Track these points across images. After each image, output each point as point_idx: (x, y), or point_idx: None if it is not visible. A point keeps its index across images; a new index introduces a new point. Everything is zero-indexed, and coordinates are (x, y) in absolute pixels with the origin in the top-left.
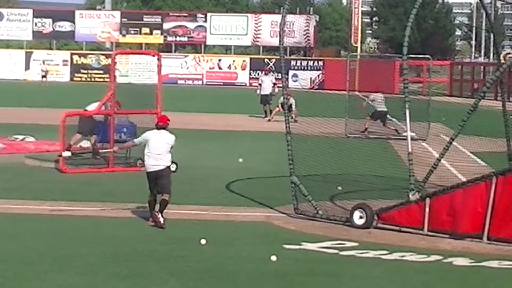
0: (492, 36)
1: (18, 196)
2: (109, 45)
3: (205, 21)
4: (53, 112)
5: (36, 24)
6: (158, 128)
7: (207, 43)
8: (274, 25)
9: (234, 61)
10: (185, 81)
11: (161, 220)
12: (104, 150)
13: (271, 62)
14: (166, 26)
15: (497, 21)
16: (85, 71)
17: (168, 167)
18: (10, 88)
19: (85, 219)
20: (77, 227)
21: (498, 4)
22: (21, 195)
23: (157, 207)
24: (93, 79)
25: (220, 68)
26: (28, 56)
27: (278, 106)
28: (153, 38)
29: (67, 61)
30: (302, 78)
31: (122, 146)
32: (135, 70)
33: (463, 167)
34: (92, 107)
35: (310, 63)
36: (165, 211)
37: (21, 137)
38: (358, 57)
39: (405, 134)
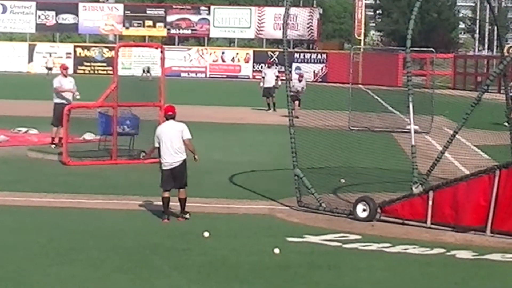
0: (495, 29)
1: (21, 188)
2: (113, 37)
3: (209, 13)
4: None
5: (39, 17)
6: (167, 119)
7: (211, 35)
8: (278, 18)
9: (237, 53)
10: (188, 74)
11: (188, 216)
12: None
13: (275, 55)
14: (169, 18)
15: (500, 14)
16: (89, 64)
17: (184, 160)
18: (13, 81)
19: (87, 211)
20: (79, 220)
21: None
22: (24, 187)
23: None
24: (96, 72)
25: (223, 61)
26: (31, 49)
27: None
28: (156, 31)
29: (70, 53)
30: (306, 71)
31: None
32: (138, 62)
33: (466, 160)
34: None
35: (314, 56)
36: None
37: (24, 129)
38: (362, 50)
39: (408, 127)
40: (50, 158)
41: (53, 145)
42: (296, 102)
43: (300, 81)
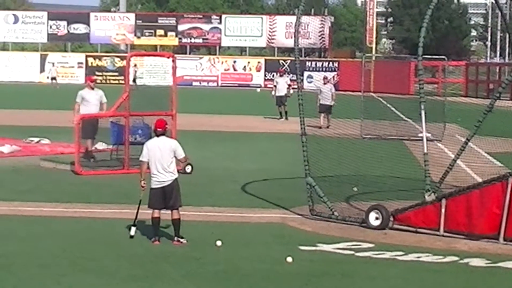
0: (507, 36)
1: (33, 198)
2: (124, 47)
3: (220, 22)
4: (68, 114)
5: (51, 27)
6: (157, 135)
7: (222, 44)
8: (289, 27)
9: (249, 62)
10: (200, 83)
11: (184, 241)
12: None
13: (286, 63)
14: (180, 28)
15: None
16: (100, 73)
17: (176, 179)
18: (25, 91)
19: (100, 221)
20: (92, 229)
21: None
22: (36, 197)
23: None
24: (108, 81)
25: (235, 70)
26: (43, 59)
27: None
28: (167, 40)
29: (82, 63)
30: (317, 79)
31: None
32: (150, 72)
33: (479, 168)
34: None
35: (325, 64)
36: (180, 212)
37: (36, 139)
38: (373, 58)
39: (420, 134)
40: (62, 168)
41: (92, 159)
42: (325, 114)
43: (325, 83)
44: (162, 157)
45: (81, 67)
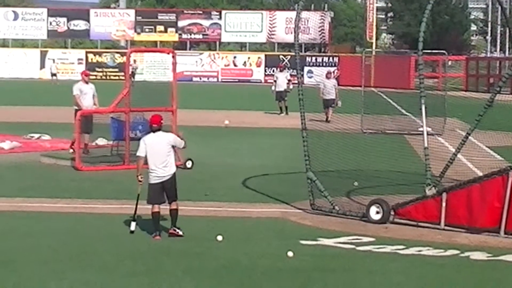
0: (507, 31)
1: (34, 194)
2: (124, 43)
3: (220, 18)
4: (68, 111)
5: (51, 23)
6: (153, 131)
7: (222, 40)
8: (289, 22)
9: (249, 58)
10: (200, 78)
11: (181, 233)
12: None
13: (286, 58)
14: (180, 23)
15: None
16: (100, 70)
17: (174, 173)
18: (25, 87)
19: (100, 217)
20: (92, 225)
21: None
22: (37, 193)
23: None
24: (108, 77)
25: (235, 65)
26: (43, 55)
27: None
28: (168, 36)
29: (82, 59)
30: (317, 75)
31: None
32: (150, 68)
33: (479, 162)
34: None
35: (325, 59)
36: (181, 207)
37: (36, 135)
38: (373, 53)
39: (421, 129)
40: (63, 164)
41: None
42: (329, 109)
43: (328, 78)
44: (160, 152)
45: (81, 63)
